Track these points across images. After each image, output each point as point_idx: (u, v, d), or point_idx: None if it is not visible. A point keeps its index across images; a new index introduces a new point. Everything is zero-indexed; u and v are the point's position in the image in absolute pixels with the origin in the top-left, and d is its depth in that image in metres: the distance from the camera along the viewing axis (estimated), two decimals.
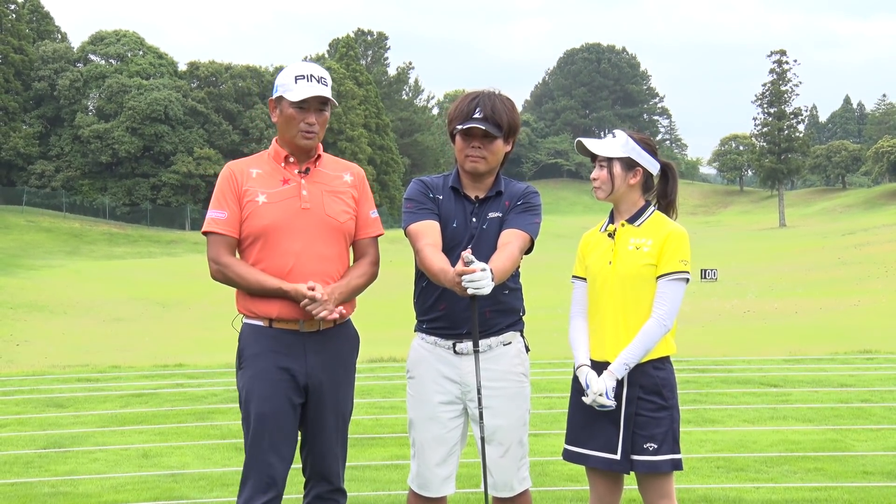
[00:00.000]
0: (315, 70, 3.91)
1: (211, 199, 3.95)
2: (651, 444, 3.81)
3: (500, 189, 3.99)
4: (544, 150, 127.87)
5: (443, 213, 3.96)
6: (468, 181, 4.00)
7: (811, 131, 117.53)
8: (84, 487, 6.56)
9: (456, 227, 3.94)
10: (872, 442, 7.62)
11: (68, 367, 13.92)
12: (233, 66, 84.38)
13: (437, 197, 3.99)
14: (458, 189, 4.00)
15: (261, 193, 3.86)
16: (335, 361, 3.96)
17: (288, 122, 3.89)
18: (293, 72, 3.89)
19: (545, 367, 11.79)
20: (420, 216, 3.94)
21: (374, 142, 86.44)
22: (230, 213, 3.85)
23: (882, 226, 60.98)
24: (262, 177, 3.91)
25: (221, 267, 3.86)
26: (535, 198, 4.06)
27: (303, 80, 3.86)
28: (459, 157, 3.97)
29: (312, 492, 3.99)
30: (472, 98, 3.94)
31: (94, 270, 43.13)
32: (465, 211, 3.97)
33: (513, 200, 3.99)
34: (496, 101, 3.91)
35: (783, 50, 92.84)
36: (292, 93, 3.85)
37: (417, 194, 4.00)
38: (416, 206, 3.97)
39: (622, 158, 3.94)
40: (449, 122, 3.99)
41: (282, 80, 3.91)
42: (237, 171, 3.92)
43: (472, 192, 3.99)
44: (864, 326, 19.57)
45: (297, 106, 3.86)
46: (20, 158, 73.38)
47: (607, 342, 3.90)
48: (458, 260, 3.60)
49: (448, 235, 3.93)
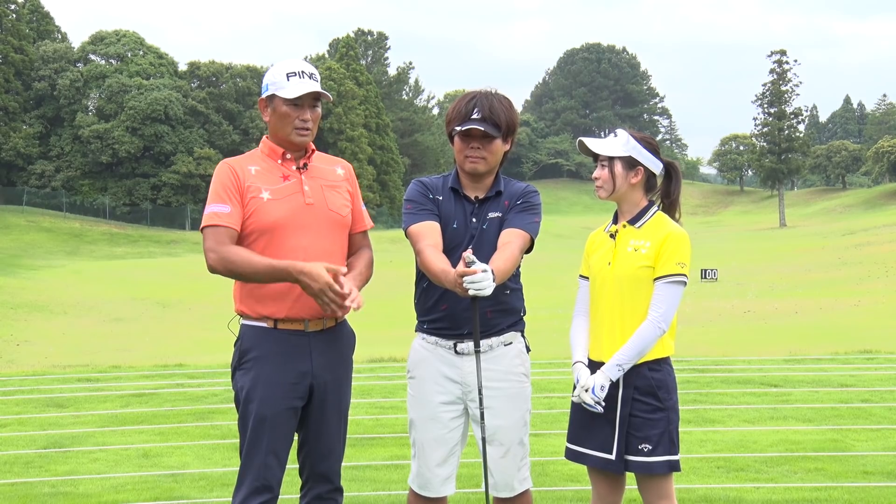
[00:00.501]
0: (305, 66, 3.90)
1: (209, 194, 3.83)
2: (646, 445, 3.83)
3: (499, 189, 4.00)
4: (544, 150, 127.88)
5: (443, 214, 3.96)
6: (468, 182, 4.00)
7: (811, 131, 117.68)
8: (84, 487, 6.56)
9: (456, 228, 3.94)
10: (873, 442, 7.62)
11: (69, 367, 13.92)
12: (233, 65, 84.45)
13: (436, 198, 3.99)
14: (458, 189, 4.00)
15: (264, 190, 3.81)
16: (339, 360, 3.96)
17: (282, 120, 3.86)
18: (283, 69, 3.86)
19: (546, 368, 11.79)
20: (420, 217, 3.94)
21: (375, 142, 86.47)
22: (233, 208, 3.76)
23: (882, 226, 60.93)
24: (261, 173, 3.86)
25: (222, 254, 3.69)
26: (535, 197, 4.06)
27: (294, 77, 3.84)
28: (459, 158, 3.97)
29: (311, 493, 3.96)
30: (469, 98, 3.93)
31: (94, 270, 43.14)
32: (464, 211, 3.97)
33: (512, 200, 3.99)
34: (494, 101, 3.91)
35: (783, 50, 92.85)
36: (286, 90, 3.82)
37: (417, 195, 4.00)
38: (417, 207, 3.97)
39: (623, 157, 3.94)
40: (447, 123, 3.99)
41: (272, 78, 3.87)
42: (237, 167, 3.85)
43: (472, 193, 3.99)
44: (864, 326, 19.57)
45: (291, 103, 3.84)
46: (20, 158, 73.40)
47: (604, 343, 3.92)
48: (458, 261, 3.60)
49: (448, 236, 3.93)
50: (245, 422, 3.81)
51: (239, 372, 3.85)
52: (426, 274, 3.88)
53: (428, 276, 3.86)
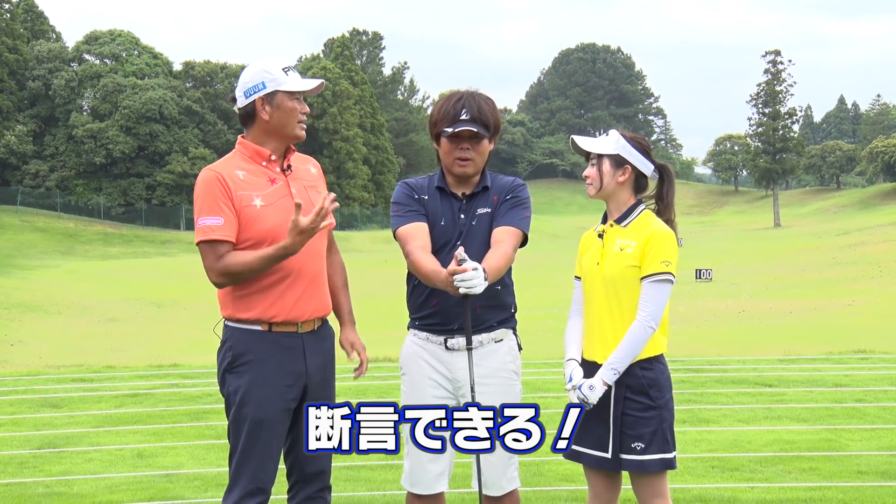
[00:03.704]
0: (289, 61, 3.90)
1: (198, 205, 3.75)
2: (638, 443, 3.85)
3: (486, 184, 4.01)
4: (539, 151, 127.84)
5: (430, 213, 3.98)
6: (453, 180, 4.01)
7: (806, 131, 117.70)
8: (79, 488, 6.55)
9: (444, 226, 3.95)
10: (867, 442, 7.64)
11: (63, 368, 13.89)
12: (228, 65, 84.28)
13: (422, 197, 4.00)
14: (444, 188, 4.01)
15: (256, 197, 3.77)
16: (328, 358, 3.99)
17: (289, 115, 3.82)
18: (276, 65, 3.83)
19: (540, 367, 11.79)
20: (407, 219, 3.95)
21: (370, 142, 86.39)
22: (226, 219, 3.71)
23: (876, 226, 61.06)
24: (248, 178, 3.80)
25: (223, 269, 3.70)
26: (524, 190, 4.08)
27: (290, 70, 3.84)
28: (446, 160, 3.96)
29: (301, 494, 3.96)
30: (457, 99, 3.93)
31: (88, 270, 43.06)
32: (452, 208, 3.98)
33: (501, 195, 4.00)
34: (481, 101, 3.93)
35: (778, 50, 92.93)
36: (289, 84, 3.80)
37: (403, 197, 4.02)
38: (403, 209, 3.98)
39: (612, 155, 3.96)
40: (433, 124, 3.97)
41: (265, 75, 3.79)
42: (225, 174, 3.77)
43: (459, 190, 4.01)
44: (858, 326, 19.61)
45: (294, 97, 3.82)
46: (14, 158, 73.21)
47: (596, 342, 3.95)
48: (449, 259, 3.61)
49: (436, 234, 3.94)
50: (239, 425, 3.79)
51: (231, 375, 3.82)
52: (417, 276, 3.90)
53: (419, 277, 3.88)
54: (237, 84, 3.89)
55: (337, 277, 4.15)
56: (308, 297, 3.86)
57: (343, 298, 4.17)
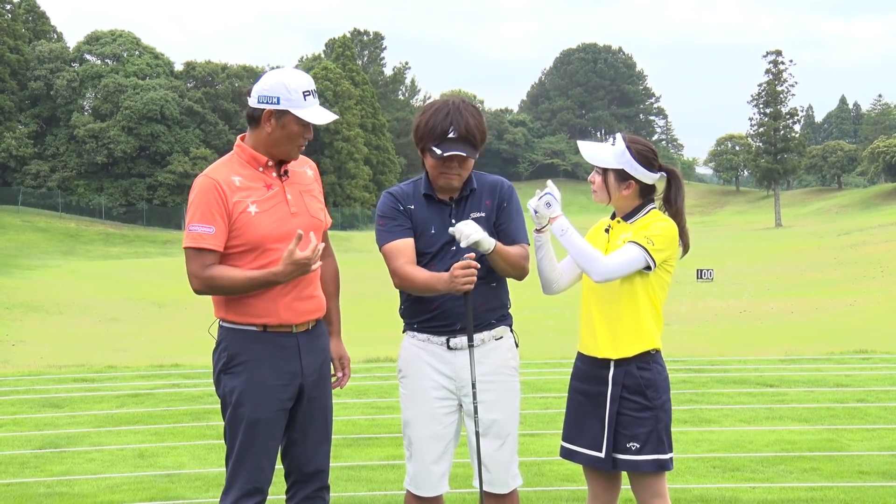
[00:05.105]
0: (311, 81, 3.82)
1: (192, 210, 3.74)
2: (633, 443, 3.85)
3: (472, 186, 3.99)
4: (540, 151, 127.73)
5: (418, 222, 3.95)
6: (440, 187, 3.98)
7: (807, 131, 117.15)
8: (80, 488, 6.56)
9: (434, 233, 3.94)
10: (868, 442, 7.63)
11: (64, 368, 13.89)
12: (229, 66, 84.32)
13: (408, 207, 3.96)
14: (432, 195, 3.98)
15: (251, 203, 3.75)
16: (322, 357, 3.99)
17: (291, 138, 3.78)
18: (297, 85, 3.73)
19: (540, 367, 11.78)
20: (393, 234, 3.93)
21: (371, 142, 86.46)
22: (217, 229, 3.70)
23: (878, 226, 60.98)
24: (245, 184, 3.78)
25: (207, 280, 3.71)
26: (514, 191, 4.10)
27: (310, 96, 3.75)
28: (432, 173, 3.93)
29: (299, 493, 3.96)
30: (444, 115, 3.81)
31: (90, 270, 43.07)
32: (441, 214, 3.96)
33: (493, 199, 3.99)
34: (468, 116, 3.83)
35: (779, 50, 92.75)
36: (305, 112, 3.73)
37: (388, 210, 3.97)
38: (389, 224, 3.95)
39: (616, 170, 3.95)
40: (419, 137, 3.88)
41: (283, 92, 3.71)
42: (222, 182, 3.74)
43: (446, 195, 3.98)
44: (860, 326, 19.59)
45: (303, 124, 3.76)
46: (15, 159, 73.24)
47: (598, 335, 3.94)
48: (442, 266, 3.67)
49: (426, 242, 3.93)
50: (235, 425, 3.80)
51: (226, 376, 3.83)
52: (410, 290, 3.90)
53: (413, 291, 3.89)
54: (256, 81, 3.83)
55: (328, 285, 4.10)
56: (302, 300, 3.85)
57: (332, 307, 4.12)
